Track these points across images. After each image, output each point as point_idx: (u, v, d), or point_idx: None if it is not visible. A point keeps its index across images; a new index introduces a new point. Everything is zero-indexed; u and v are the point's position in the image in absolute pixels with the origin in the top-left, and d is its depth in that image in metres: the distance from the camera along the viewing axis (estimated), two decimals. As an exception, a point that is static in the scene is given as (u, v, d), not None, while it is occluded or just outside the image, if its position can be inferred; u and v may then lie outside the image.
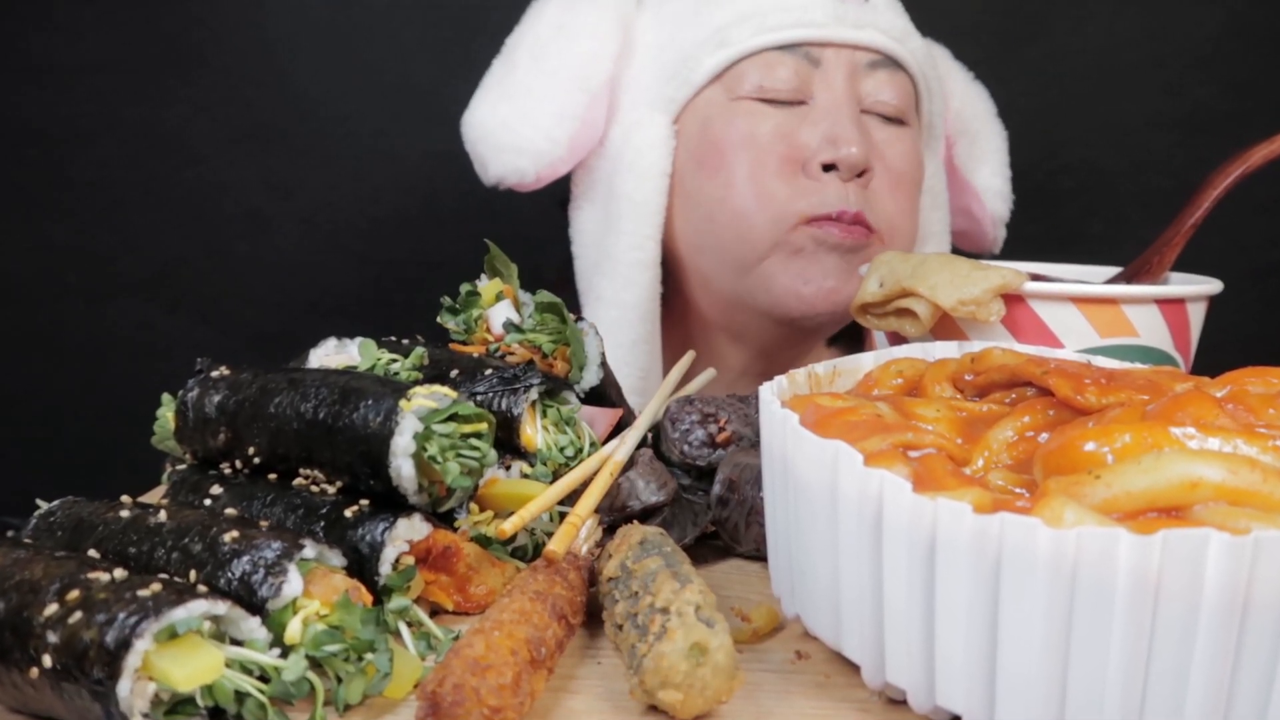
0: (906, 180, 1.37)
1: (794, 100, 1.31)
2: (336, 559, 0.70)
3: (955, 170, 1.54)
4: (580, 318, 1.01)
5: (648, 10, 1.41)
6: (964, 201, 1.55)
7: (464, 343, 1.03)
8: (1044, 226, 1.36)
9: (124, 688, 0.56)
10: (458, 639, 0.66)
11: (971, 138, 1.54)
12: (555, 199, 1.49)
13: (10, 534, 0.75)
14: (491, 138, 1.36)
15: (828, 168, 1.28)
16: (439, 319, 1.05)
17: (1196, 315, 0.98)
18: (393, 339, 1.00)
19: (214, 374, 0.85)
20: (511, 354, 0.99)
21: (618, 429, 0.96)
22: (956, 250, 1.55)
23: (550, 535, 0.81)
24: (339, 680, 0.64)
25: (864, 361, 0.86)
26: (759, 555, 0.87)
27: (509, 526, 0.76)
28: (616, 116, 1.39)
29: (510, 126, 1.35)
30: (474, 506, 0.83)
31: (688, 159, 1.35)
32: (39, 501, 0.80)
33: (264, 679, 0.62)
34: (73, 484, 0.91)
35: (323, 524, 0.76)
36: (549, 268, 1.52)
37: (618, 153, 1.37)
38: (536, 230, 1.55)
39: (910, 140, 1.38)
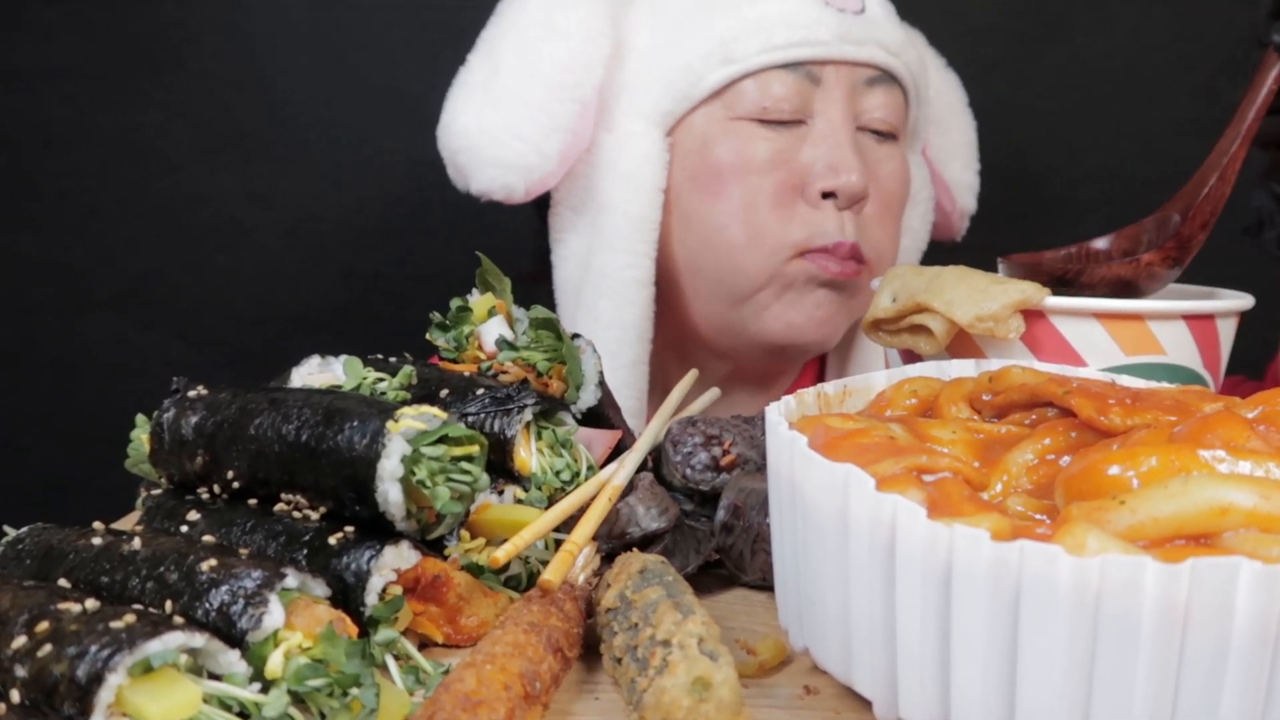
0: (894, 202, 1.41)
1: (794, 120, 1.33)
2: (320, 589, 0.70)
3: (927, 161, 1.56)
4: (577, 334, 1.01)
5: (638, 8, 1.41)
6: (934, 193, 1.57)
7: (455, 360, 1.03)
8: (1065, 238, 1.35)
9: (96, 725, 0.57)
10: (448, 673, 0.66)
11: (944, 129, 1.57)
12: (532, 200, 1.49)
13: (-24, 562, 0.76)
14: (477, 149, 1.34)
15: (826, 194, 1.31)
16: (428, 335, 1.05)
17: (1226, 332, 0.98)
18: (379, 357, 1.00)
19: (191, 394, 0.85)
20: (505, 373, 1.00)
21: (616, 452, 0.96)
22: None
23: (545, 564, 0.81)
24: (322, 716, 0.65)
25: (876, 381, 0.86)
26: (765, 585, 0.87)
27: (502, 554, 0.76)
28: (605, 122, 1.38)
29: (497, 138, 1.33)
30: (465, 533, 0.83)
31: (684, 177, 1.36)
32: (6, 528, 0.80)
33: (244, 715, 0.62)
34: (42, 509, 0.92)
35: (305, 552, 0.76)
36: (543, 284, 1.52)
37: (609, 163, 1.37)
38: (532, 242, 1.55)
39: (900, 157, 1.42)
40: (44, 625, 0.61)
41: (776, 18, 1.31)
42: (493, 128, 1.33)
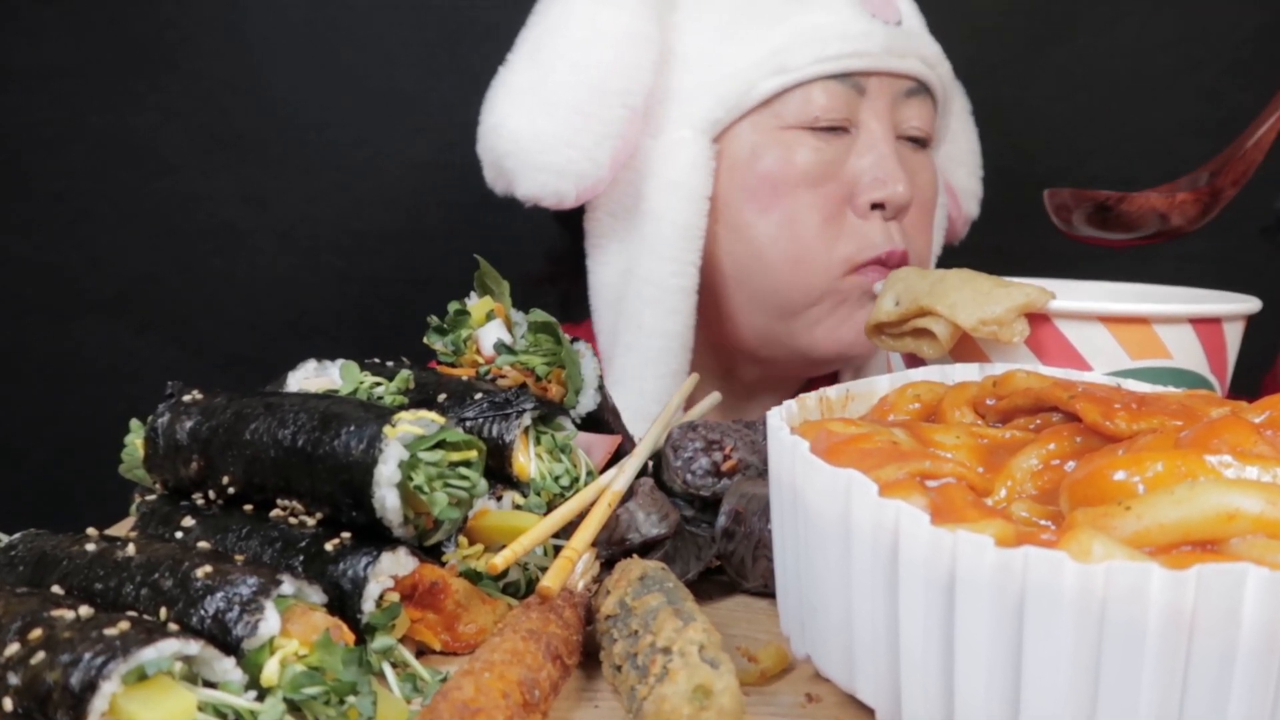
0: (929, 207, 1.45)
1: (839, 129, 1.36)
2: (316, 595, 0.70)
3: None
4: (576, 338, 1.01)
5: (681, 13, 1.41)
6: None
7: (452, 365, 1.03)
8: (1071, 241, 1.36)
9: (89, 733, 0.57)
10: (445, 681, 0.66)
11: (952, 137, 1.60)
12: None
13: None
14: (527, 154, 1.33)
15: (875, 206, 1.35)
16: (425, 339, 1.05)
17: (1233, 336, 0.98)
18: (376, 361, 1.00)
19: (186, 398, 0.85)
20: (503, 377, 1.00)
21: (616, 457, 0.96)
22: None
23: (544, 570, 0.81)
24: (319, 725, 0.65)
25: (879, 385, 0.86)
26: (767, 591, 0.87)
27: (500, 561, 0.76)
28: (649, 128, 1.38)
29: (548, 145, 1.33)
30: (463, 539, 0.83)
31: (733, 187, 1.38)
32: (-1, 534, 0.80)
33: (239, 724, 0.63)
34: (35, 515, 0.92)
35: (302, 558, 0.77)
36: (545, 292, 1.52)
37: (654, 169, 1.38)
38: (530, 245, 1.55)
39: (932, 165, 1.46)
40: (37, 632, 0.61)
41: (828, 28, 1.34)
42: (543, 133, 1.33)
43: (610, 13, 1.34)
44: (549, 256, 1.57)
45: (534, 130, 1.33)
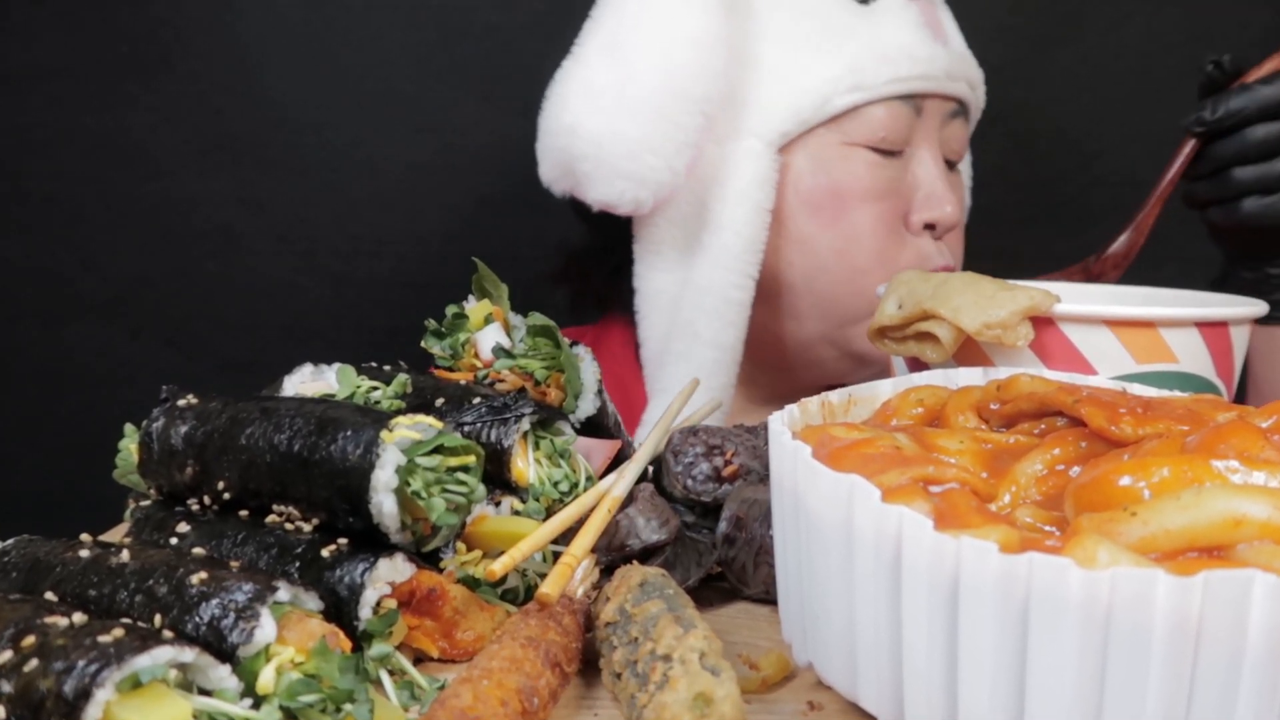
0: (960, 223, 1.49)
1: (899, 150, 1.39)
2: (313, 602, 0.70)
3: None
4: (575, 342, 1.01)
5: (752, 20, 1.39)
6: None
7: (450, 369, 1.03)
8: (1076, 244, 1.36)
9: (83, 741, 0.57)
10: (443, 688, 0.66)
11: None
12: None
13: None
14: (609, 159, 1.30)
15: (927, 225, 1.41)
16: (423, 343, 1.05)
17: (1240, 339, 0.98)
18: (373, 365, 1.00)
19: (180, 403, 0.85)
20: (501, 381, 1.00)
21: (616, 462, 0.96)
22: None
23: (543, 577, 0.81)
24: (315, 733, 0.65)
25: (881, 389, 0.87)
26: (768, 598, 0.87)
27: (499, 567, 0.76)
28: (712, 134, 1.36)
29: (632, 152, 1.30)
30: (461, 546, 0.83)
31: (797, 201, 1.39)
32: (-8, 540, 0.80)
33: (234, 732, 0.62)
34: (28, 521, 0.92)
35: (298, 564, 0.77)
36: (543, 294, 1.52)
37: (720, 178, 1.37)
38: (529, 247, 1.55)
39: (962, 184, 1.51)
40: (30, 640, 0.61)
41: (895, 48, 1.36)
42: (627, 138, 1.30)
43: (688, 13, 1.31)
44: (571, 257, 1.57)
45: (615, 133, 1.30)
